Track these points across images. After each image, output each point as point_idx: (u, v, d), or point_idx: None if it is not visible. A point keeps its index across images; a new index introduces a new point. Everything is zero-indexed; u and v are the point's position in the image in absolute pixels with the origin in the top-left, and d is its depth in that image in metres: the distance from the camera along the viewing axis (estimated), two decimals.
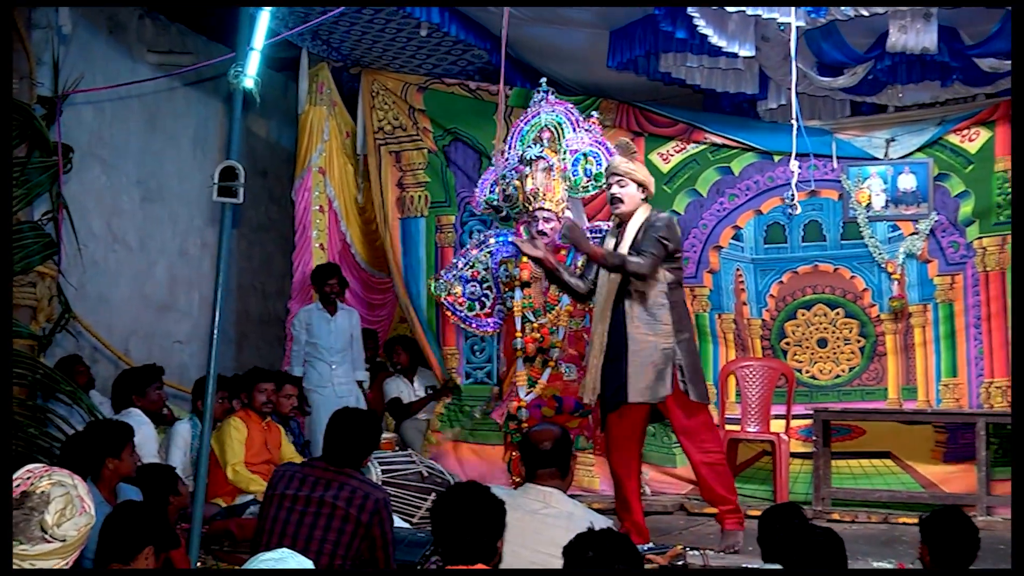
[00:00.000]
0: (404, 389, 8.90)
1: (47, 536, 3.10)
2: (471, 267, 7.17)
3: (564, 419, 6.36)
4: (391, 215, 9.12)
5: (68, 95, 7.04)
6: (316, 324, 8.45)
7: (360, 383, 8.63)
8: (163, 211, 8.48)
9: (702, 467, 6.05)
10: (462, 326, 7.50)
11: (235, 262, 9.17)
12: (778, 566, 3.84)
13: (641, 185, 6.09)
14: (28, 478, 3.17)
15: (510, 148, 6.85)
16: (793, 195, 6.35)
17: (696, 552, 5.94)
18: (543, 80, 7.05)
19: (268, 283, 9.81)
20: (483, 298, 7.10)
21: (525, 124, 6.85)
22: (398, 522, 5.61)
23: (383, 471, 6.55)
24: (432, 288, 7.44)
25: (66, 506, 3.14)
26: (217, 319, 4.91)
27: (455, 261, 7.42)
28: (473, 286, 7.14)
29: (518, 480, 6.21)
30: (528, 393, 6.57)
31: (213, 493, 6.52)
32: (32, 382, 6.31)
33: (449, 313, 7.36)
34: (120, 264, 8.01)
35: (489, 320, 7.22)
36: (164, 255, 8.50)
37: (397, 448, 7.94)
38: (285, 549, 3.23)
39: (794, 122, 6.29)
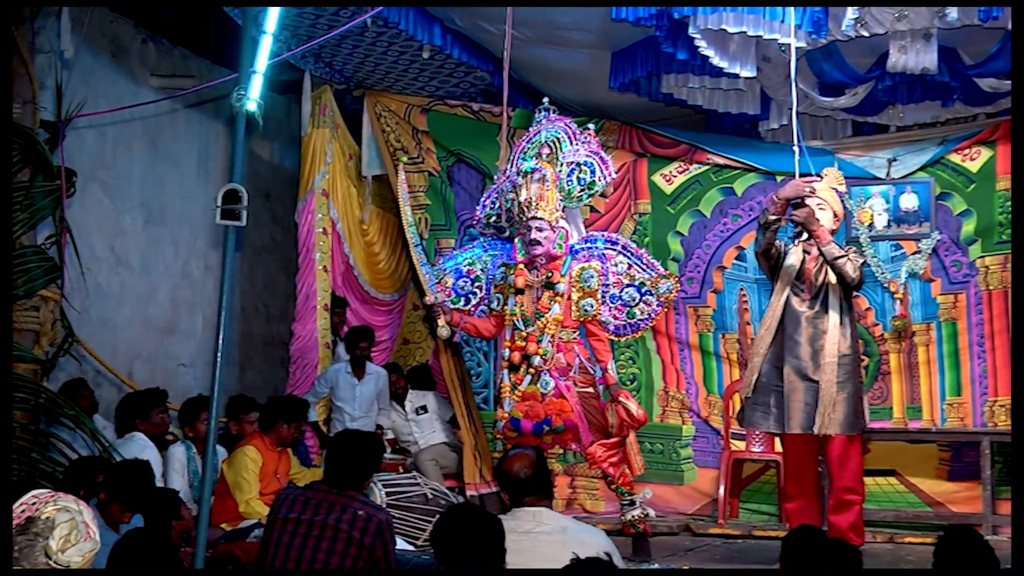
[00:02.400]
0: (396, 417, 8.87)
1: (51, 562, 3.10)
2: (471, 264, 7.12)
3: (532, 440, 6.29)
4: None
5: (71, 119, 7.05)
6: (342, 388, 8.54)
7: (379, 426, 8.65)
8: (166, 234, 8.48)
9: None
10: None
11: (238, 284, 9.17)
12: None
13: (836, 216, 6.35)
14: (33, 503, 3.17)
15: (511, 166, 6.86)
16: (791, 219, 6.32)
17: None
18: (545, 99, 7.06)
19: (272, 305, 9.80)
20: (470, 295, 7.04)
21: (527, 142, 6.86)
22: (403, 544, 5.60)
23: (387, 493, 6.53)
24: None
25: (71, 532, 3.13)
26: (221, 341, 4.91)
27: (456, 252, 7.37)
28: (464, 281, 7.07)
29: None
30: (510, 403, 6.53)
31: (219, 519, 6.48)
32: (35, 406, 6.30)
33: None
34: (123, 287, 8.00)
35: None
36: (167, 278, 8.50)
37: (402, 470, 7.92)
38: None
39: (796, 147, 6.30)
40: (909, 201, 8.13)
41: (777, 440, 7.82)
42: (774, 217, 6.19)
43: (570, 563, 3.32)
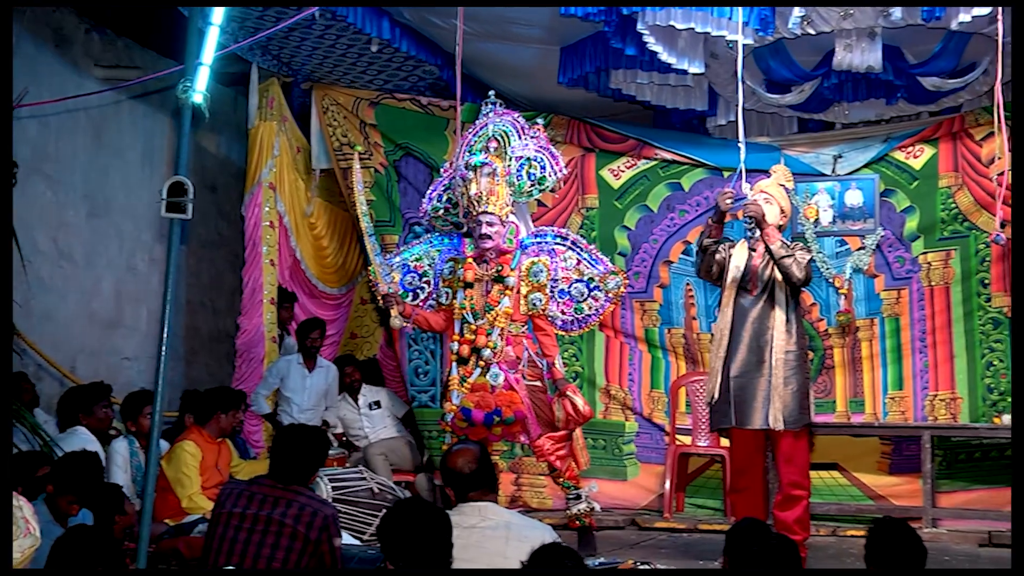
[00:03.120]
0: (347, 411, 8.86)
1: None
2: (417, 259, 7.09)
3: (481, 431, 6.32)
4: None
5: (12, 109, 6.94)
6: (292, 378, 8.55)
7: (324, 422, 8.62)
8: (110, 226, 8.38)
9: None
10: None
11: (184, 278, 9.09)
12: None
13: (783, 212, 6.37)
14: None
15: (458, 159, 6.84)
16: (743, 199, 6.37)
17: (647, 566, 5.95)
18: (491, 93, 7.05)
19: (218, 299, 9.73)
20: (418, 290, 7.00)
21: (473, 136, 6.84)
22: (348, 539, 5.58)
23: (333, 488, 6.51)
24: (372, 272, 7.34)
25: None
26: (165, 336, 4.87)
27: (404, 249, 7.29)
28: (412, 276, 7.05)
29: None
30: (458, 396, 6.53)
31: (162, 515, 6.41)
32: None
33: (379, 296, 7.19)
34: (66, 280, 7.91)
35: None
36: (111, 271, 8.40)
37: (348, 465, 7.90)
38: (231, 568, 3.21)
39: (741, 144, 6.34)
40: (854, 198, 8.24)
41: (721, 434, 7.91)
42: (710, 240, 6.29)
43: (532, 553, 3.33)
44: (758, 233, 6.18)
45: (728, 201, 6.15)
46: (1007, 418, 7.41)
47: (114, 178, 8.42)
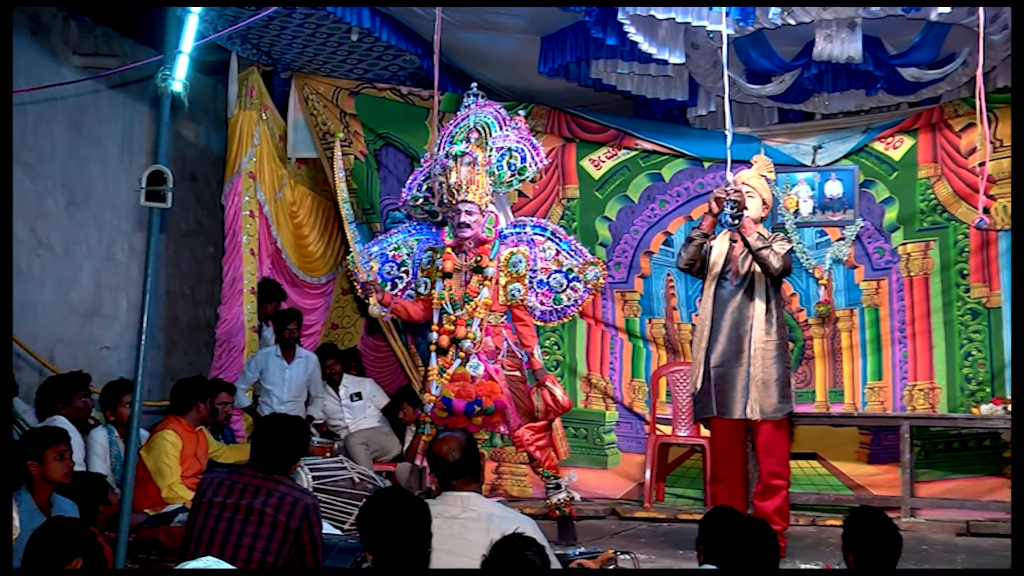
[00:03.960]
0: (329, 402, 8.84)
1: None
2: (396, 249, 7.07)
3: (462, 421, 6.33)
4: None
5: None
6: (271, 370, 8.52)
7: (310, 417, 8.60)
8: (89, 216, 8.34)
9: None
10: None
11: (163, 267, 9.05)
12: (713, 567, 3.88)
13: (764, 203, 6.42)
14: None
15: (439, 149, 6.83)
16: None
17: (627, 556, 5.96)
18: (473, 84, 7.04)
19: (197, 289, 9.69)
20: (396, 280, 6.99)
21: (455, 127, 6.83)
22: (329, 528, 5.57)
23: (314, 477, 6.50)
24: (350, 260, 7.31)
25: None
26: (145, 325, 4.84)
27: (383, 238, 7.27)
28: (391, 266, 7.03)
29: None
30: (438, 386, 6.53)
31: (141, 505, 6.38)
32: None
33: (357, 284, 7.19)
34: (45, 270, 7.86)
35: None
36: (90, 260, 8.36)
37: (329, 455, 7.89)
38: (210, 557, 3.20)
39: (728, 133, 6.35)
40: (834, 188, 8.27)
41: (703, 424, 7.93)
42: (699, 232, 6.34)
43: (494, 545, 3.33)
44: (740, 220, 6.19)
45: (721, 197, 6.19)
46: (985, 408, 7.46)
47: (93, 167, 8.37)
